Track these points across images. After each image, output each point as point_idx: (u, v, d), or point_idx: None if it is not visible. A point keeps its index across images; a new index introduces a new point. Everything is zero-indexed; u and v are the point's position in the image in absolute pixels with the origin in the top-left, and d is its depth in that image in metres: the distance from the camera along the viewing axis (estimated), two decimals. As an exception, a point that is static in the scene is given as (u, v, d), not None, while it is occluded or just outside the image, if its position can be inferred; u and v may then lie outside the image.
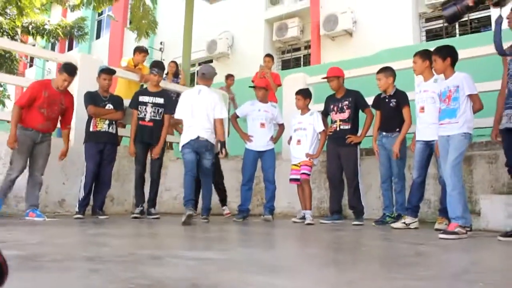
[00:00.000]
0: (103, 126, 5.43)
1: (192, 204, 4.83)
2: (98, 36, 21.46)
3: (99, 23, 21.60)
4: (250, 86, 6.16)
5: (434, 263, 2.39)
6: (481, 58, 5.40)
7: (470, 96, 3.79)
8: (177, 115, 5.21)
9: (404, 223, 4.45)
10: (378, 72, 5.10)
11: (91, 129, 5.41)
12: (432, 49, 4.62)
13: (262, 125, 5.70)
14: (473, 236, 3.71)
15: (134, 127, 5.58)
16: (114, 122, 5.55)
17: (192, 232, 4.13)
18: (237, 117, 5.93)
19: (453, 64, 3.95)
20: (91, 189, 5.38)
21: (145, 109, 5.60)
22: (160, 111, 5.65)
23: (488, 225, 4.29)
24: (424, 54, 4.49)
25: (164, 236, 3.72)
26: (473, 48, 5.29)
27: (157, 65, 5.90)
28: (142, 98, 5.64)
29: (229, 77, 8.81)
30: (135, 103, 5.61)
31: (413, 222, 4.45)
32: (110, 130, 5.49)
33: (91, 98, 5.43)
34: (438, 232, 3.92)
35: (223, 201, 6.33)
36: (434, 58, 4.03)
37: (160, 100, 5.66)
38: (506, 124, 3.60)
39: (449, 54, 3.93)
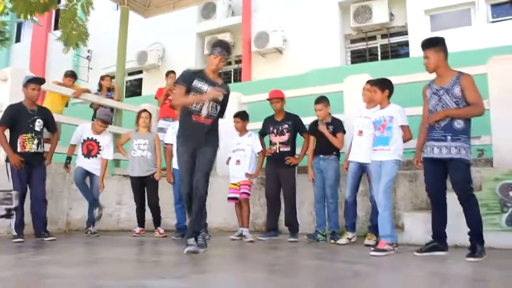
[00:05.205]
0: (32, 146, 5.00)
1: None
2: (18, 40, 20.26)
3: (19, 25, 20.41)
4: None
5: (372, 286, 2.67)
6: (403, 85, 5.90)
7: (402, 127, 4.24)
8: None
9: (348, 238, 4.93)
10: (317, 102, 5.31)
11: (18, 150, 4.93)
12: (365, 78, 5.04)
13: None
14: (399, 252, 4.13)
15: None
16: (42, 141, 5.19)
17: (136, 256, 4.17)
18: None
19: (389, 96, 4.38)
20: (23, 209, 5.02)
21: None
22: None
23: (411, 240, 4.79)
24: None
25: (113, 260, 3.71)
26: (398, 76, 5.76)
27: None
28: None
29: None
30: None
31: (354, 236, 4.98)
32: (39, 150, 5.11)
33: (10, 115, 4.92)
34: (368, 248, 4.34)
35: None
36: (374, 89, 4.43)
37: None
38: (429, 154, 4.00)
39: (388, 87, 4.37)
